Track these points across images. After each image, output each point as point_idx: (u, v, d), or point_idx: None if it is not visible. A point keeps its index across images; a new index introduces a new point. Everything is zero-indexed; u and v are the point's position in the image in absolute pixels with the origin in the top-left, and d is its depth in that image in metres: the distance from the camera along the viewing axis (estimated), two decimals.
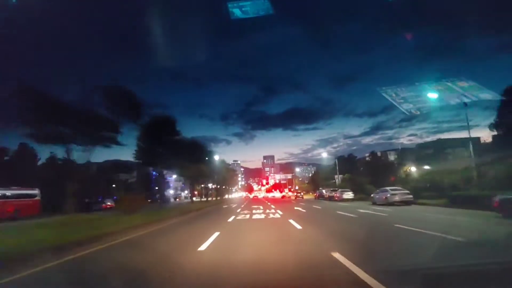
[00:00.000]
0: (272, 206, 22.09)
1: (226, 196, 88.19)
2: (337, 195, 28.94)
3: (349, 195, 27.62)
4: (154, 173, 76.27)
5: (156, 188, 77.63)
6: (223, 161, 42.57)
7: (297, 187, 80.00)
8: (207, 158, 32.09)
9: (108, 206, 37.20)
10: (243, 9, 7.68)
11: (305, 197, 55.86)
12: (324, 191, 39.87)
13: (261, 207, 21.38)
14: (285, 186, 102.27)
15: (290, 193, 64.71)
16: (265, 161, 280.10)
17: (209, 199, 58.52)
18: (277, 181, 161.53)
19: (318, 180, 61.77)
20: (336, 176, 49.06)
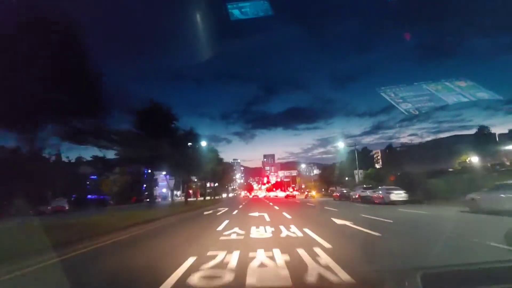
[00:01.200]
0: (286, 215, 12.53)
1: (224, 195, 78.94)
2: (379, 195, 19.31)
3: (400, 195, 17.98)
4: (145, 170, 66.55)
5: (144, 187, 67.52)
6: (212, 150, 32.24)
7: (303, 186, 70.45)
8: (190, 144, 22.42)
9: (58, 209, 27.62)
10: (242, 10, 7.61)
11: (315, 196, 46.41)
12: (344, 190, 30.35)
13: (266, 217, 11.88)
14: (287, 184, 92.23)
15: (295, 192, 54.88)
16: (265, 159, 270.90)
17: (195, 199, 48.60)
18: (279, 179, 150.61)
19: (329, 177, 52.18)
20: (355, 172, 39.61)
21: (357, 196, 23.41)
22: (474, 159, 24.58)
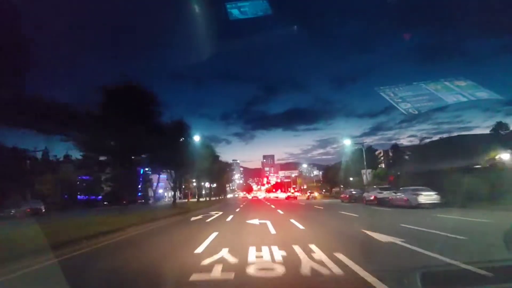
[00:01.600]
0: (296, 223, 9.39)
1: (222, 196, 75.76)
2: (402, 197, 16.18)
3: (430, 197, 14.83)
4: (141, 170, 62.98)
5: (139, 186, 63.39)
6: (207, 145, 28.44)
7: (304, 186, 67.19)
8: (178, 136, 19.18)
9: (32, 211, 24.37)
10: (241, 9, 7.60)
11: (318, 198, 43.32)
12: (354, 191, 27.23)
13: (270, 226, 8.77)
14: (288, 185, 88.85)
15: (297, 193, 51.53)
16: (264, 160, 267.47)
17: (187, 200, 45.26)
18: (279, 180, 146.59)
19: (333, 177, 48.98)
20: (363, 171, 36.45)
21: (372, 198, 20.29)
22: (505, 156, 21.50)
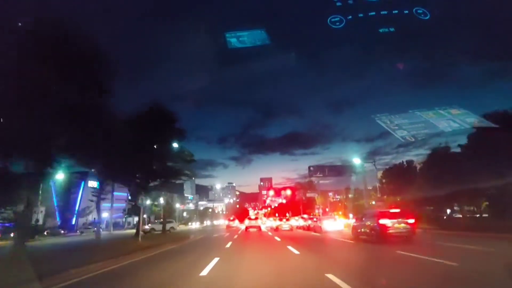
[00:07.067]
0: None
1: (192, 224, 51.41)
2: None
3: None
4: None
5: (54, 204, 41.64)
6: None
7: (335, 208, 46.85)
8: None
9: None
10: (240, 39, 7.84)
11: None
12: None
13: None
14: (304, 205, 66.32)
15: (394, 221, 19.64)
16: (262, 183, 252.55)
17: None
18: (285, 197, 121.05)
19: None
20: None
21: None
22: None
